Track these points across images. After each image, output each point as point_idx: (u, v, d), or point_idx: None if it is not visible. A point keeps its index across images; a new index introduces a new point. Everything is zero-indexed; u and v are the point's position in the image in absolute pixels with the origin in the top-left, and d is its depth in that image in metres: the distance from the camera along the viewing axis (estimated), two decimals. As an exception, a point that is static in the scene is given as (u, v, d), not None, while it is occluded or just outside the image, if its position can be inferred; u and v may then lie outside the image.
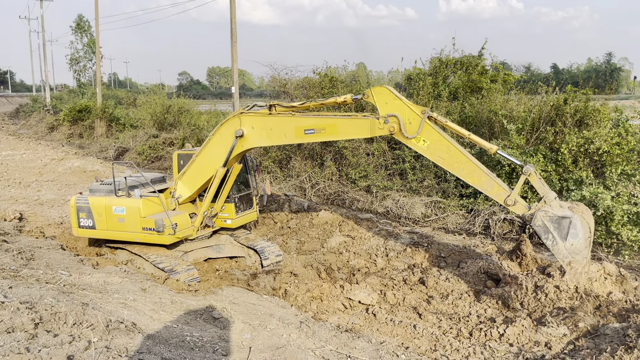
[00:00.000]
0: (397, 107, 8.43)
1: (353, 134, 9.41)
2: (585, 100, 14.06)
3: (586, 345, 6.93)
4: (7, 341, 4.47)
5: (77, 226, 10.86)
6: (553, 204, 7.73)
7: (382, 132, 8.57)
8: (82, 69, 49.96)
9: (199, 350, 5.54)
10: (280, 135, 9.38)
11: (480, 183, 8.21)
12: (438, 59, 19.38)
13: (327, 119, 8.98)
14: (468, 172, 8.26)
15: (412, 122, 8.36)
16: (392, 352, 6.17)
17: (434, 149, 8.40)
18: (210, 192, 10.35)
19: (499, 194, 8.11)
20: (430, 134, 8.34)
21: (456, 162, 8.30)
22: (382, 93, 8.54)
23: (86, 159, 25.98)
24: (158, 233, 9.89)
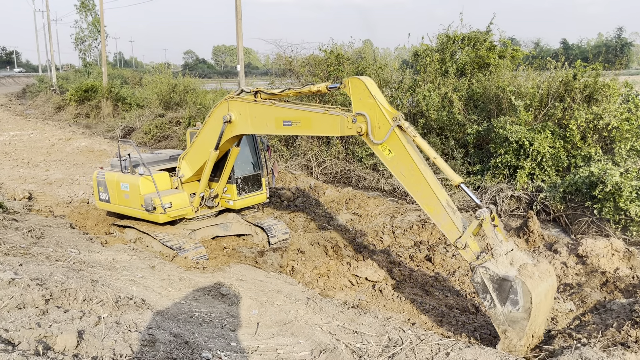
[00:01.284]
0: (369, 107, 7.36)
1: (325, 131, 8.51)
2: (595, 75, 13.88)
3: (592, 321, 6.95)
4: (19, 317, 4.54)
5: (98, 199, 11.44)
6: (500, 260, 6.43)
7: (350, 132, 7.59)
8: (87, 48, 49.62)
9: (208, 326, 5.61)
10: (262, 124, 9.06)
11: (434, 214, 7.11)
12: (445, 35, 19.13)
13: (303, 112, 8.37)
14: (426, 199, 7.14)
15: (381, 126, 7.29)
16: (398, 327, 6.22)
17: (396, 163, 7.32)
18: (204, 174, 10.36)
19: (451, 233, 6.94)
20: (397, 145, 7.21)
21: (416, 184, 7.19)
22: (358, 87, 7.44)
23: (93, 139, 26.06)
24: (148, 212, 10.02)
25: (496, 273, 6.22)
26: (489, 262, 6.40)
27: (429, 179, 6.98)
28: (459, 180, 6.92)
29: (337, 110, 8.03)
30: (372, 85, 7.36)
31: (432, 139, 15.98)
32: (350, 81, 7.44)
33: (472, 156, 15.25)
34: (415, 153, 7.11)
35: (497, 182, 13.58)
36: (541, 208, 12.30)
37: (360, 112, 7.42)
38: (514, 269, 6.26)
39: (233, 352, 4.93)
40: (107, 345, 4.17)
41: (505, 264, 6.34)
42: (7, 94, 60.51)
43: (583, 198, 11.55)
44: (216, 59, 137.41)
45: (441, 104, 16.53)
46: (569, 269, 8.71)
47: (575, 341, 6.03)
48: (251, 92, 9.21)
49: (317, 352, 5.22)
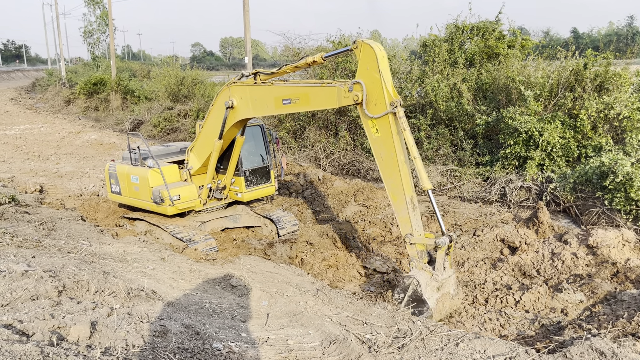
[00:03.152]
0: (372, 80, 7.17)
1: (323, 104, 8.33)
2: (605, 64, 13.73)
3: (603, 312, 6.93)
4: (32, 308, 4.60)
5: (110, 191, 11.52)
6: (432, 283, 7.09)
7: (347, 102, 7.53)
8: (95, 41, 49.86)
9: (218, 317, 5.65)
10: (263, 105, 9.01)
11: (396, 205, 7.47)
12: (454, 24, 18.98)
13: (300, 88, 8.33)
14: (394, 188, 7.41)
15: (377, 104, 7.20)
16: (408, 318, 6.23)
17: (379, 145, 7.39)
18: (210, 165, 10.38)
19: (404, 227, 7.43)
20: (385, 129, 7.24)
21: (390, 171, 7.37)
22: (369, 55, 7.10)
23: (102, 132, 26.20)
24: (156, 204, 10.08)
25: (421, 292, 6.98)
26: (423, 276, 7.08)
27: (403, 172, 7.22)
28: (428, 186, 7.17)
29: (333, 82, 7.93)
30: (383, 59, 7.08)
31: (440, 129, 15.91)
32: (363, 46, 7.14)
33: (481, 147, 15.17)
34: (399, 143, 7.20)
35: (507, 173, 13.52)
36: (551, 199, 12.23)
37: (359, 80, 7.29)
38: (435, 297, 7.07)
39: (243, 342, 4.97)
40: (120, 335, 4.22)
41: (433, 289, 7.07)
42: (17, 88, 60.87)
43: (593, 188, 11.47)
44: (224, 51, 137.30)
45: (450, 94, 16.44)
46: (579, 260, 8.68)
47: (585, 332, 6.02)
48: (250, 75, 9.18)
49: (327, 342, 5.24)
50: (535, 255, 9.10)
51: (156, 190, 10.06)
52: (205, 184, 10.63)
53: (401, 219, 7.48)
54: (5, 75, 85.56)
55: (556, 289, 7.95)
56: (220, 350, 4.53)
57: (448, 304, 7.33)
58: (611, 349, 4.88)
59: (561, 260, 8.75)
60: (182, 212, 10.42)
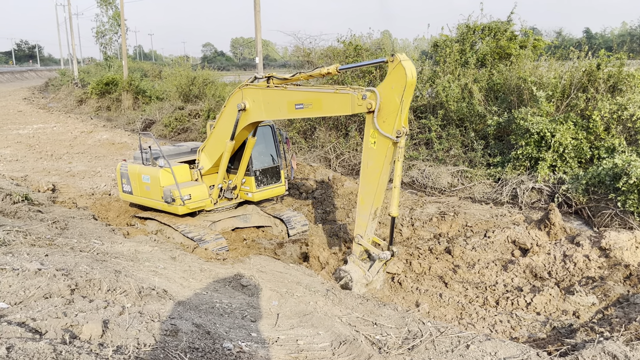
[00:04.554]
0: (391, 101, 7.25)
1: (336, 110, 8.43)
2: (619, 65, 13.60)
3: (615, 314, 6.87)
4: (45, 306, 4.64)
5: (121, 191, 11.57)
6: (362, 281, 8.20)
7: (360, 110, 7.60)
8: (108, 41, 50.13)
9: (229, 317, 5.67)
10: (275, 109, 9.03)
11: (360, 209, 8.26)
12: (465, 25, 18.89)
13: (313, 94, 8.36)
14: (365, 195, 8.13)
15: (386, 122, 7.39)
16: (418, 319, 6.22)
17: (371, 154, 7.79)
18: (221, 166, 10.41)
19: (359, 228, 8.33)
20: (382, 147, 7.58)
21: (369, 180, 7.99)
22: (400, 77, 7.06)
23: (114, 132, 26.39)
24: (167, 204, 10.14)
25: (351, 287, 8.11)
26: (356, 273, 8.21)
27: (380, 187, 7.92)
28: (395, 214, 7.90)
29: (347, 89, 7.97)
30: (410, 87, 7.15)
31: (451, 130, 15.85)
32: (399, 65, 7.04)
33: (492, 148, 15.09)
34: (388, 165, 7.74)
35: (518, 174, 13.43)
36: (563, 200, 12.14)
37: (375, 90, 7.38)
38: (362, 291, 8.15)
39: (254, 342, 4.99)
40: (131, 334, 4.25)
41: (362, 285, 8.21)
42: (31, 88, 61.49)
43: (606, 190, 11.36)
44: (234, 51, 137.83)
45: (461, 95, 16.37)
46: (591, 262, 8.60)
47: (597, 335, 5.97)
48: (263, 78, 9.22)
49: (337, 343, 5.24)
50: (546, 257, 9.03)
51: (167, 190, 10.12)
52: (216, 184, 10.67)
53: (359, 222, 8.33)
54: (18, 75, 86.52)
55: (568, 291, 7.89)
56: (231, 350, 4.54)
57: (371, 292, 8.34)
58: (624, 352, 4.83)
59: (573, 262, 8.68)
60: (193, 211, 10.47)
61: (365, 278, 8.23)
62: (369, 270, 8.24)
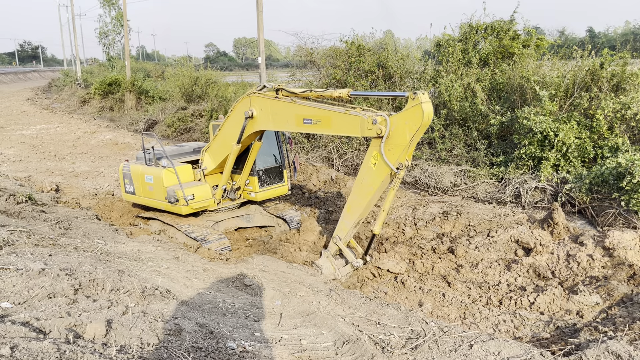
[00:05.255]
0: (401, 134, 7.44)
1: (345, 131, 8.47)
2: (622, 64, 13.56)
3: (619, 314, 6.85)
4: (49, 306, 4.65)
5: (124, 191, 11.57)
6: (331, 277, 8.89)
7: (370, 134, 7.71)
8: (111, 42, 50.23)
9: (232, 316, 5.68)
10: (283, 121, 9.08)
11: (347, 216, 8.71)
12: (468, 24, 18.84)
13: (323, 111, 8.35)
14: (355, 207, 8.55)
15: (391, 150, 7.62)
16: (421, 319, 6.21)
17: (369, 173, 8.08)
18: (226, 167, 10.44)
19: (340, 232, 8.84)
20: (380, 172, 7.87)
21: (361, 195, 8.39)
22: (416, 117, 7.20)
23: (117, 132, 26.44)
24: (171, 204, 10.15)
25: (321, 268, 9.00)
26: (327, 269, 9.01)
27: (369, 204, 8.45)
28: (377, 232, 8.51)
29: (357, 110, 8.03)
30: (423, 127, 7.35)
31: (454, 129, 15.82)
32: (418, 106, 7.18)
33: (495, 147, 15.06)
34: (382, 188, 8.22)
35: (521, 174, 13.40)
36: (566, 200, 12.11)
37: (386, 117, 7.50)
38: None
39: (257, 342, 4.99)
40: (135, 334, 4.26)
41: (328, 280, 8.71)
42: (34, 88, 61.65)
43: (610, 189, 11.33)
44: (237, 51, 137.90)
45: (464, 94, 16.33)
46: (595, 262, 8.58)
47: (601, 334, 5.96)
48: (273, 89, 9.25)
49: (340, 343, 5.24)
50: (550, 257, 9.02)
51: (171, 190, 10.14)
52: (220, 185, 10.69)
53: (342, 225, 8.84)
54: (22, 76, 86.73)
55: (571, 290, 7.87)
56: (234, 350, 4.55)
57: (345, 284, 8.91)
58: (627, 352, 4.82)
59: (577, 262, 8.66)
60: (196, 211, 10.48)
61: (334, 275, 8.95)
62: (339, 270, 8.99)
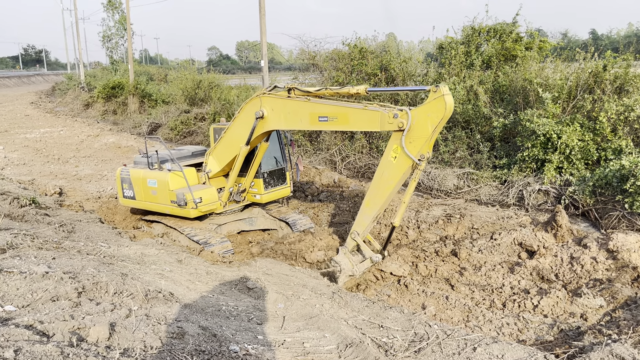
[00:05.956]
0: (423, 126, 7.56)
1: (363, 126, 8.50)
2: (625, 66, 13.55)
3: (623, 317, 6.82)
4: (53, 309, 4.66)
5: (122, 196, 11.44)
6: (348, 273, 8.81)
7: (390, 127, 7.79)
8: (114, 46, 50.48)
9: (235, 319, 5.68)
10: (296, 119, 9.07)
11: (365, 210, 8.66)
12: (471, 27, 18.88)
13: (340, 108, 8.40)
14: (373, 201, 8.51)
15: (412, 143, 7.71)
16: (424, 322, 6.20)
17: (389, 167, 8.09)
18: (234, 169, 10.44)
19: (359, 227, 8.78)
20: (401, 164, 7.91)
21: (381, 190, 8.36)
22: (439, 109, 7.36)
23: (120, 135, 26.51)
24: (179, 207, 10.13)
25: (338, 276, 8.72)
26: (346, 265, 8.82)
27: (388, 197, 8.45)
28: (396, 224, 8.70)
29: (375, 105, 8.08)
30: (445, 119, 7.47)
31: (457, 132, 15.82)
32: (441, 98, 7.32)
33: (498, 150, 15.05)
34: (402, 180, 8.23)
35: (524, 176, 13.39)
36: (570, 202, 12.09)
37: (407, 110, 7.63)
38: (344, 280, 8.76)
39: (260, 345, 4.99)
40: (138, 337, 4.26)
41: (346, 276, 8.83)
42: (38, 92, 61.88)
43: (613, 192, 11.30)
44: (240, 54, 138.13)
45: (466, 97, 16.34)
46: (599, 264, 8.55)
47: (605, 337, 5.93)
48: (285, 89, 9.25)
49: (343, 346, 5.24)
50: (553, 260, 8.99)
51: (180, 193, 10.09)
52: (227, 187, 10.69)
53: (361, 221, 8.78)
54: (25, 80, 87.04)
55: (575, 293, 7.84)
56: (237, 353, 4.54)
57: (349, 283, 8.94)
58: (632, 355, 4.80)
59: (580, 264, 8.63)
60: (204, 214, 10.48)
61: (352, 271, 8.84)
62: (358, 266, 8.89)
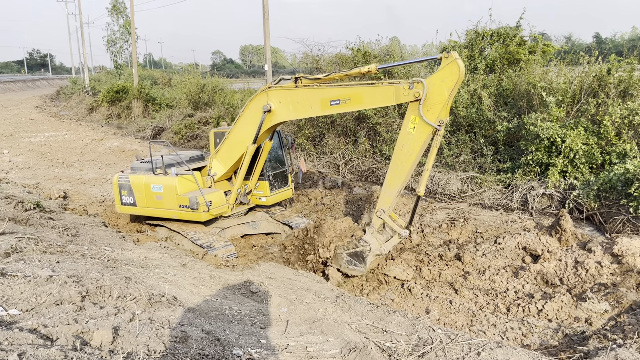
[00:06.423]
0: (440, 93, 7.75)
1: (378, 102, 8.78)
2: (630, 70, 13.51)
3: (628, 322, 6.79)
4: (57, 313, 4.66)
5: (119, 203, 11.21)
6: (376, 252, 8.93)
7: (406, 99, 8.03)
8: (118, 50, 50.55)
9: (238, 323, 5.67)
10: (306, 107, 9.19)
11: (388, 186, 8.63)
12: (474, 30, 18.85)
13: (352, 89, 8.61)
14: (395, 175, 8.51)
15: (430, 110, 7.87)
16: (428, 326, 6.18)
17: (408, 139, 8.20)
18: (242, 169, 10.44)
19: (383, 203, 8.73)
20: (421, 133, 8.06)
21: (402, 162, 8.40)
22: (452, 73, 7.60)
23: (124, 139, 26.58)
24: (192, 210, 10.10)
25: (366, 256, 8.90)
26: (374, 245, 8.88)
27: (410, 169, 8.49)
28: (421, 193, 8.58)
29: (385, 82, 8.33)
30: (459, 82, 7.72)
31: (461, 136, 15.80)
32: (454, 62, 7.56)
33: (502, 153, 15.02)
34: (422, 149, 8.35)
35: (528, 180, 13.35)
36: (574, 206, 12.04)
37: (421, 80, 7.85)
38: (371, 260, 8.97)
39: (263, 349, 4.98)
40: (142, 341, 4.26)
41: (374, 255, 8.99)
42: (42, 96, 62.12)
43: (618, 196, 11.26)
44: (243, 58, 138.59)
45: (470, 100, 16.32)
46: (603, 269, 8.51)
47: (610, 342, 5.90)
48: (292, 79, 9.33)
49: (347, 350, 5.22)
50: (558, 264, 8.96)
51: (193, 197, 10.08)
52: (235, 188, 10.68)
53: (385, 197, 8.73)
54: (30, 84, 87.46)
55: (580, 298, 7.81)
56: (241, 357, 4.54)
57: (375, 262, 9.19)
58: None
59: (585, 268, 8.60)
60: (214, 217, 10.49)
61: (379, 250, 8.90)
62: (384, 245, 8.89)
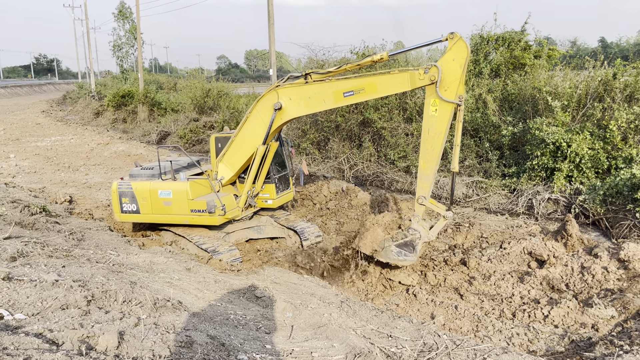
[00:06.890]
0: (453, 72, 8.15)
1: (393, 89, 8.96)
2: (635, 74, 13.47)
3: (635, 327, 6.74)
4: (62, 317, 4.68)
5: (119, 211, 10.94)
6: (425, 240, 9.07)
7: (422, 83, 8.33)
8: (124, 55, 50.83)
9: (243, 328, 5.67)
10: (319, 102, 9.25)
11: (423, 172, 8.75)
12: (479, 35, 18.85)
13: (365, 79, 8.75)
14: (428, 160, 8.63)
15: (448, 90, 8.22)
16: (433, 332, 6.15)
17: (432, 122, 8.43)
18: (252, 170, 10.42)
19: (422, 190, 8.83)
20: (444, 113, 8.33)
21: (431, 146, 8.54)
22: (461, 51, 8.05)
23: (130, 143, 26.68)
24: (209, 214, 10.03)
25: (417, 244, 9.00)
26: (423, 233, 9.00)
27: (440, 149, 8.54)
28: (456, 169, 8.94)
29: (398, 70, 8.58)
30: (468, 58, 8.13)
31: (466, 140, 15.78)
32: (460, 40, 7.99)
33: (507, 158, 14.98)
34: (447, 128, 8.46)
35: (534, 185, 13.31)
36: (580, 211, 11.99)
37: (436, 64, 8.16)
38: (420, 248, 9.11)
39: (268, 354, 4.97)
40: (147, 346, 4.26)
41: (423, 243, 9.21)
42: (49, 100, 62.48)
43: (624, 201, 11.20)
44: (249, 63, 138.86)
45: (475, 105, 16.31)
46: (610, 274, 8.46)
47: (617, 348, 5.86)
48: (301, 75, 9.39)
49: (352, 356, 5.21)
50: (564, 269, 8.91)
51: (210, 200, 10.06)
52: (244, 190, 10.66)
53: (423, 184, 8.83)
54: (37, 88, 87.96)
55: (586, 303, 7.76)
56: (245, 362, 4.54)
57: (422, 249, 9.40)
58: (645, 367, 4.74)
59: (591, 274, 8.55)
60: (228, 220, 10.50)
61: (427, 237, 9.08)
62: (432, 230, 9.07)
